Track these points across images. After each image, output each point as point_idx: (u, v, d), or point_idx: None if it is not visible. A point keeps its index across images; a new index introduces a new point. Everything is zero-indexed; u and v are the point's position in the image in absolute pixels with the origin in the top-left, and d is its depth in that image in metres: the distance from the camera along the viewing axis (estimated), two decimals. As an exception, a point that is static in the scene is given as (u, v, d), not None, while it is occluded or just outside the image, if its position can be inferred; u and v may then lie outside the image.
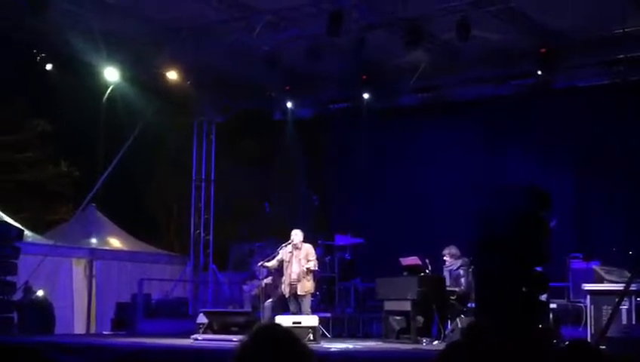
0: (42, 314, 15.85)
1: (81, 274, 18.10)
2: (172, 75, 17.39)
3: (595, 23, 14.70)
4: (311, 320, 13.05)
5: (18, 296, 15.31)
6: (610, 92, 16.00)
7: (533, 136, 17.50)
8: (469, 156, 18.18)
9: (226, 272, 20.30)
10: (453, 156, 18.36)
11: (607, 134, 16.49)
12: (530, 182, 15.80)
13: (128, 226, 21.04)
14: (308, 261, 13.84)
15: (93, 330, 17.79)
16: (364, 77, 17.61)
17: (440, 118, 18.54)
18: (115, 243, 19.93)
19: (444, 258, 14.04)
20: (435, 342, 12.70)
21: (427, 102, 17.86)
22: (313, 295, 14.43)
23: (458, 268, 13.78)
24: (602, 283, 11.77)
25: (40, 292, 16.10)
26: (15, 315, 14.86)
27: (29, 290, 15.76)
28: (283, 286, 14.05)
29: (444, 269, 14.04)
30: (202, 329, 13.68)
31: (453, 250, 13.98)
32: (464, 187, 16.60)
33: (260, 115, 20.75)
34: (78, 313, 17.88)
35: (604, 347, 9.14)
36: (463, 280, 13.65)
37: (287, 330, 2.89)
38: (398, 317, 13.80)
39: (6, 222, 16.23)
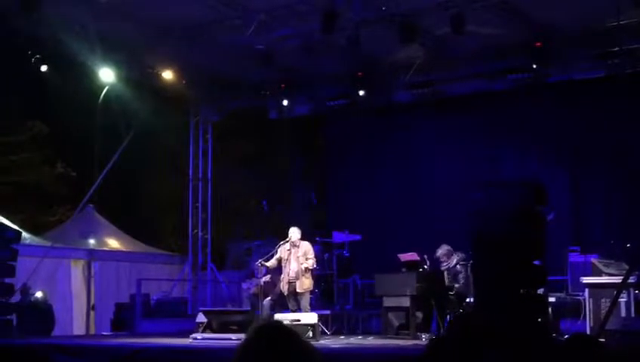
0: (41, 315, 15.81)
1: (80, 275, 18.07)
2: (167, 75, 17.42)
3: (589, 16, 14.71)
4: (310, 318, 13.04)
5: (17, 298, 15.30)
6: (606, 85, 15.99)
7: (529, 129, 17.48)
8: (465, 151, 18.15)
9: (224, 271, 20.29)
10: (450, 151, 18.36)
11: (604, 127, 16.49)
12: (527, 176, 15.85)
13: (126, 226, 21.02)
14: (307, 259, 13.82)
15: (92, 331, 17.75)
16: (360, 73, 17.60)
17: (436, 113, 18.52)
18: (113, 243, 19.90)
19: (440, 259, 13.96)
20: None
21: (423, 97, 17.82)
22: (312, 292, 14.41)
23: (455, 265, 13.74)
24: (600, 276, 11.79)
25: (39, 294, 16.07)
26: (14, 317, 14.84)
27: (27, 292, 15.73)
28: (281, 284, 14.03)
29: (442, 268, 13.99)
30: (201, 329, 13.63)
31: (445, 248, 13.89)
32: (461, 182, 16.56)
33: (256, 114, 20.72)
34: (77, 314, 17.86)
35: (603, 340, 9.15)
36: (461, 276, 13.61)
37: (289, 328, 2.89)
38: (396, 313, 13.81)
39: (3, 224, 16.17)
